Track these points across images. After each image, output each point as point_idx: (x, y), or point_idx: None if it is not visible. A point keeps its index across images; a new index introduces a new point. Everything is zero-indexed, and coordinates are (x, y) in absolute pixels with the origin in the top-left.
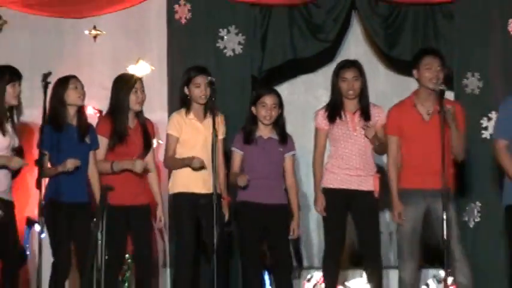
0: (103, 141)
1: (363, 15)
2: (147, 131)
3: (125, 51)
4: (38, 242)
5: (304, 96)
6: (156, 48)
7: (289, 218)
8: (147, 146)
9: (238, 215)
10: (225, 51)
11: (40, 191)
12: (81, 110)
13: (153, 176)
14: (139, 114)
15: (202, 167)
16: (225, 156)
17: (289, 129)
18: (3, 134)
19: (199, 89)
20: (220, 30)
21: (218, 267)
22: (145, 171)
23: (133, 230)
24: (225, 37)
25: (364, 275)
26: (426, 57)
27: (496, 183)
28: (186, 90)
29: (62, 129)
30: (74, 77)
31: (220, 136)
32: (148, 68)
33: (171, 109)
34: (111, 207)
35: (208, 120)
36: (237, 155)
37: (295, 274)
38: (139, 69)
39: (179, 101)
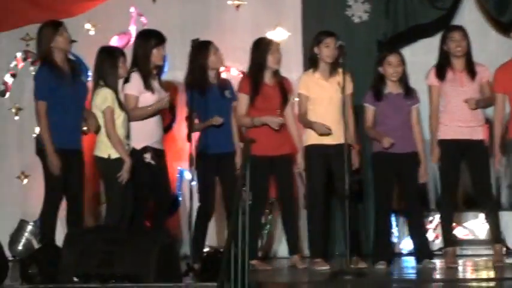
0: (244, 98)
1: None
2: (284, 88)
3: (264, 19)
4: (189, 189)
5: (424, 58)
6: (292, 16)
7: (418, 163)
8: (285, 100)
9: (374, 164)
10: (352, 18)
11: (190, 144)
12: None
13: (293, 127)
14: (276, 73)
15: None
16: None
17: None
18: (152, 92)
19: (328, 49)
20: None
21: (349, 211)
22: (282, 125)
23: (277, 177)
24: (353, 6)
25: (480, 216)
26: None
27: None
28: (316, 49)
29: (205, 90)
30: (211, 42)
31: (348, 91)
32: (285, 34)
33: (307, 69)
34: (256, 157)
35: (334, 79)
36: (370, 110)
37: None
38: (277, 34)
39: (308, 61)
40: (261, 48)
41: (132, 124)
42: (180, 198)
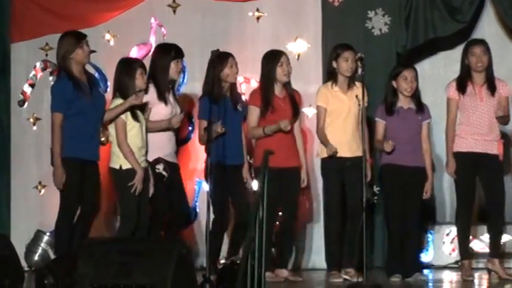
0: (255, 110)
1: None
2: (294, 101)
3: (284, 31)
4: (207, 201)
5: (443, 71)
6: (312, 28)
7: (424, 179)
8: (295, 114)
9: (382, 176)
10: (372, 30)
11: (208, 155)
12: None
13: (300, 141)
14: (287, 85)
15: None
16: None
17: (431, 99)
18: (166, 104)
19: (346, 63)
20: (369, 12)
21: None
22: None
23: (283, 189)
24: (373, 18)
25: None
26: None
27: None
28: (334, 64)
29: (218, 101)
30: (231, 55)
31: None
32: (305, 46)
33: (326, 82)
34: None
35: (352, 92)
36: (381, 124)
37: (429, 228)
38: (297, 46)
39: (326, 74)
40: (270, 60)
41: None
42: (198, 210)
